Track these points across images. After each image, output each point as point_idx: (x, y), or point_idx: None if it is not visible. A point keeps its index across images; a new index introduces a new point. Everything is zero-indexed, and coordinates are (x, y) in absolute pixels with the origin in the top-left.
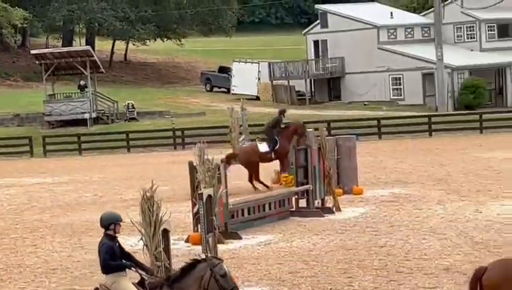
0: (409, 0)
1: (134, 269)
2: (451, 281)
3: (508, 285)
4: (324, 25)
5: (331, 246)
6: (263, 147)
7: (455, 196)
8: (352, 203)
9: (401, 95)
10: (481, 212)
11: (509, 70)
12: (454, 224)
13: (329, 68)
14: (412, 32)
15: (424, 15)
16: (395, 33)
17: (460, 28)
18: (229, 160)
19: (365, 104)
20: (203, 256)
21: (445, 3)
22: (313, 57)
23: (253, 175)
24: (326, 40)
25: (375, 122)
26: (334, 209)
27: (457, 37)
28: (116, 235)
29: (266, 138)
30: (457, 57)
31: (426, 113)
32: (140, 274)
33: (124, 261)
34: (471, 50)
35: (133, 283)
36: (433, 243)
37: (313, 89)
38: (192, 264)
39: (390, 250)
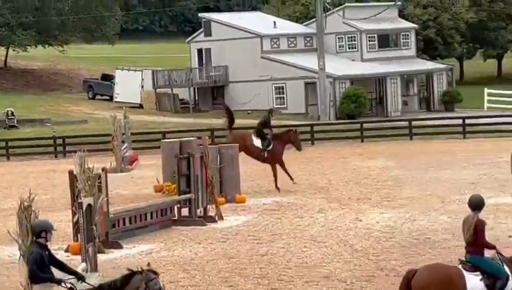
0: (291, 10)
1: (64, 286)
2: (331, 288)
3: (435, 287)
4: (208, 33)
5: (213, 255)
6: (257, 142)
7: (336, 204)
8: (234, 212)
9: (284, 104)
10: (361, 220)
11: (389, 80)
12: (334, 232)
13: (213, 77)
14: (294, 42)
15: (306, 25)
16: (278, 42)
17: (342, 38)
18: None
19: (248, 113)
20: (140, 268)
21: (327, 13)
22: (196, 66)
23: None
24: (210, 48)
25: None
26: (216, 218)
27: (339, 47)
28: (47, 243)
29: (259, 136)
30: (339, 66)
31: (308, 122)
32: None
33: (58, 268)
34: (353, 60)
35: None
36: (314, 251)
37: (196, 98)
38: (128, 276)
39: (272, 258)
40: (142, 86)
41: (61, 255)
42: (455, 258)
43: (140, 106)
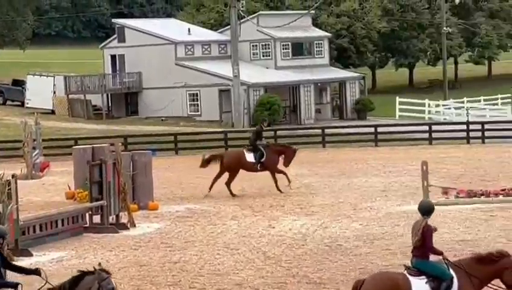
0: (206, 17)
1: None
2: None
3: None
4: (121, 39)
5: (125, 263)
6: (250, 157)
7: (249, 211)
8: (147, 219)
9: (198, 111)
10: (274, 227)
11: (303, 88)
12: (247, 239)
13: (127, 83)
14: (209, 49)
15: (221, 32)
16: (192, 49)
17: (256, 45)
18: (209, 160)
19: (162, 120)
20: (93, 268)
21: (242, 21)
22: (110, 72)
23: (228, 179)
24: (123, 54)
25: (172, 138)
26: (128, 225)
27: (253, 54)
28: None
29: (252, 148)
30: (253, 74)
31: (222, 129)
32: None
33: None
34: (267, 68)
35: None
36: (227, 259)
37: (110, 104)
38: (80, 276)
39: (184, 266)
40: (54, 92)
41: None
42: (366, 265)
43: (52, 112)
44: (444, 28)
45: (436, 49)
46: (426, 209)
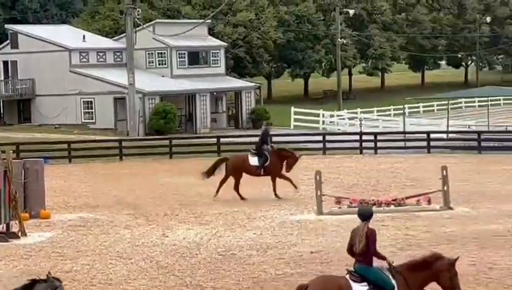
0: (101, 25)
1: None
2: None
3: None
4: (14, 45)
5: (14, 272)
6: (254, 161)
7: (143, 220)
8: (38, 228)
9: (92, 119)
10: (168, 236)
11: (199, 97)
12: (140, 248)
13: (19, 90)
14: (104, 56)
15: (116, 40)
16: (87, 56)
17: (152, 53)
18: (215, 167)
19: (56, 127)
20: (46, 276)
21: (138, 29)
22: (2, 78)
23: (234, 184)
24: (16, 61)
25: (65, 146)
26: (19, 234)
27: (149, 62)
28: None
29: (257, 152)
30: (149, 82)
31: (117, 138)
32: None
33: None
34: (163, 76)
35: None
36: (119, 268)
37: (1, 111)
38: (31, 284)
39: (76, 275)
40: None
41: None
42: (259, 274)
43: None
44: (339, 40)
45: (331, 60)
46: (366, 215)
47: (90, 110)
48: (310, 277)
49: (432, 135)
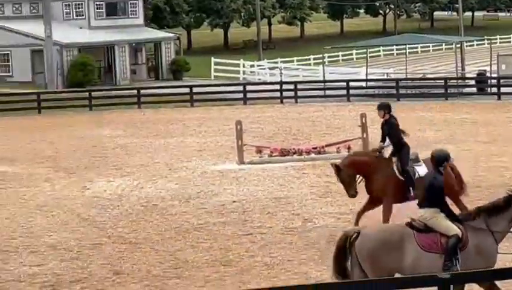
0: None
1: None
2: (58, 257)
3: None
4: None
5: None
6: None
7: (63, 173)
8: None
9: (9, 72)
10: (89, 189)
11: (118, 49)
12: (61, 201)
13: None
14: (20, 8)
15: None
16: (2, 8)
17: (69, 5)
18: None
19: None
20: None
21: None
22: None
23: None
24: None
25: None
26: None
27: (66, 14)
28: None
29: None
30: (67, 34)
31: (35, 91)
32: None
33: None
34: (81, 28)
35: None
36: (40, 221)
37: None
38: None
39: None
40: None
41: None
42: (182, 224)
43: None
44: None
45: (250, 10)
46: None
47: (6, 63)
48: (232, 226)
49: (351, 83)
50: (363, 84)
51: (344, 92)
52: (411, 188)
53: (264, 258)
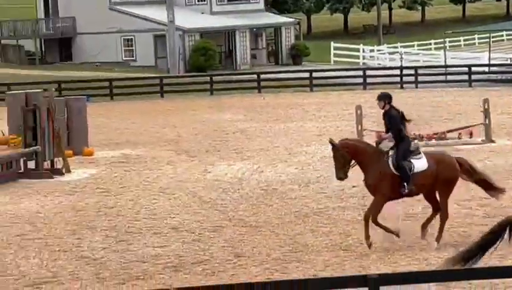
0: None
1: None
2: (180, 239)
3: None
4: None
5: (60, 208)
6: None
7: (185, 156)
8: (82, 165)
9: (133, 57)
10: (210, 172)
11: (238, 34)
12: (183, 184)
13: (60, 28)
14: None
15: None
16: None
17: None
18: None
19: (97, 65)
20: None
21: None
22: (43, 16)
23: None
24: None
25: (107, 84)
26: (63, 171)
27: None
28: None
29: None
30: (189, 19)
31: (158, 75)
32: None
33: None
34: (202, 13)
35: None
36: (163, 203)
37: (43, 49)
38: None
39: (120, 211)
40: None
41: None
42: (301, 208)
43: None
44: None
45: None
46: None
47: (130, 48)
48: (351, 211)
49: (474, 69)
50: (486, 69)
51: (466, 77)
52: (405, 184)
53: (384, 243)
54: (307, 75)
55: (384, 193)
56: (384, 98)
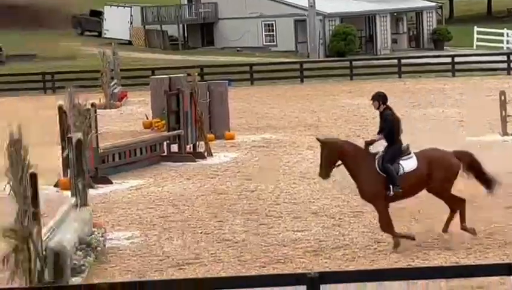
0: None
1: None
2: (320, 224)
3: None
4: None
5: (202, 191)
6: None
7: None
8: (223, 148)
9: (273, 42)
10: None
11: (379, 18)
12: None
13: (203, 13)
14: None
15: None
16: None
17: None
18: None
19: (238, 50)
20: None
21: None
22: (185, 2)
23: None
24: None
25: (247, 68)
26: (205, 154)
27: None
28: None
29: None
30: (329, 4)
31: (298, 60)
32: None
33: None
34: None
35: None
36: (303, 188)
37: (186, 35)
38: None
39: (261, 194)
40: (131, 23)
41: (50, 191)
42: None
43: (129, 43)
44: None
45: None
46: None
47: (271, 33)
48: (497, 197)
49: None
50: None
51: None
52: (391, 186)
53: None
54: (448, 60)
55: (380, 198)
56: (379, 98)
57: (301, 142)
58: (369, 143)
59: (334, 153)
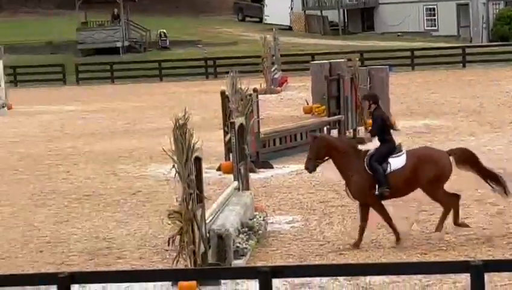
0: None
1: None
2: (483, 211)
3: None
4: None
5: None
6: None
7: (488, 127)
8: None
9: (435, 26)
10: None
11: None
12: (485, 155)
13: None
14: None
15: None
16: None
17: None
18: None
19: (398, 35)
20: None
21: None
22: None
23: None
24: None
25: (408, 53)
26: (365, 140)
27: None
28: None
29: None
30: None
31: (460, 44)
32: None
33: None
34: None
35: None
36: (467, 174)
37: (346, 20)
38: None
39: None
40: (292, 8)
41: (213, 174)
42: None
43: (290, 28)
44: None
45: None
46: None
47: (432, 18)
48: None
49: None
50: None
51: None
52: (377, 186)
53: None
54: None
55: (369, 196)
56: (369, 98)
57: (463, 128)
58: (360, 142)
59: (322, 148)
